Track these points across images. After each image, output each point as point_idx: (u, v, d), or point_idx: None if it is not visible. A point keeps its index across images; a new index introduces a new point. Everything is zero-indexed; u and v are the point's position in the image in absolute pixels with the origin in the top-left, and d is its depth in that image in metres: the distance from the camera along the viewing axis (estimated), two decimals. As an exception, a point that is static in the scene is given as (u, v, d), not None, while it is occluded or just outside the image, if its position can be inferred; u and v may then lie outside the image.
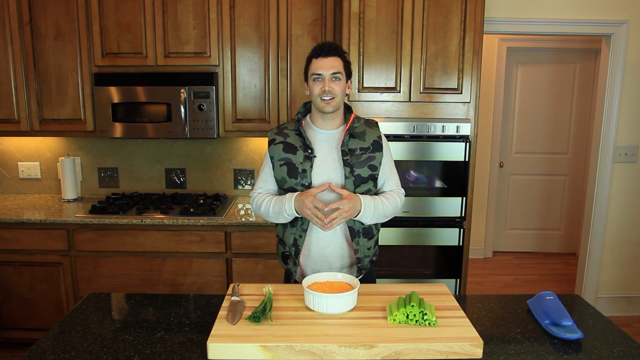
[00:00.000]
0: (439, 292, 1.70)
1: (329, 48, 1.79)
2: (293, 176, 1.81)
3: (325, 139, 1.86)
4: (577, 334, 1.50)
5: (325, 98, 1.78)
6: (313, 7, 2.89)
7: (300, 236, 1.84)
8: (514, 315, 1.70)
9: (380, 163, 1.86)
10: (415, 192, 2.79)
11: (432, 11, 2.65)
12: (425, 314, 1.46)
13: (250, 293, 1.68)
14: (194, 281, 2.86)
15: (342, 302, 1.53)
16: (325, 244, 1.84)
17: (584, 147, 4.70)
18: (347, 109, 1.92)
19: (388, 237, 2.80)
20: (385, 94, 2.73)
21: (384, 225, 2.75)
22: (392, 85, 2.72)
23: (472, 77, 2.71)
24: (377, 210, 1.79)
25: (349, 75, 1.85)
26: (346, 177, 1.80)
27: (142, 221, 2.79)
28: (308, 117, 1.93)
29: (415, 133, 2.72)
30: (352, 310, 1.56)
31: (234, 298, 1.62)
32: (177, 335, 1.53)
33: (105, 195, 3.31)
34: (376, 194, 1.89)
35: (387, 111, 2.75)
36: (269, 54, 2.94)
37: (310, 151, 1.82)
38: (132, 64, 2.94)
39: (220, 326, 1.46)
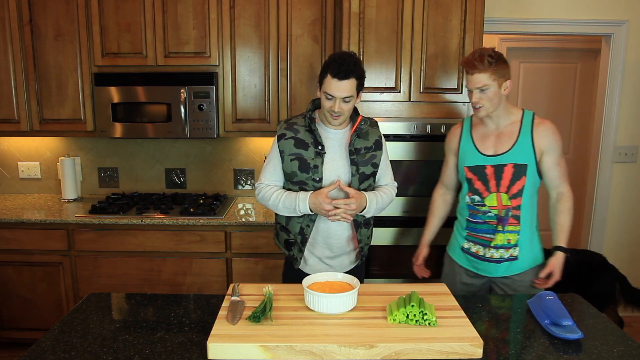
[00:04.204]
0: (439, 292, 1.71)
1: (347, 71, 1.81)
2: (305, 171, 1.91)
3: (333, 137, 1.97)
4: (577, 334, 1.50)
5: (334, 114, 1.88)
6: (313, 7, 2.89)
7: (308, 225, 1.96)
8: (514, 315, 1.70)
9: (380, 160, 2.04)
10: (416, 192, 2.78)
11: (432, 11, 2.65)
12: (425, 314, 1.46)
13: (250, 293, 1.68)
14: (194, 281, 2.86)
15: (342, 302, 1.53)
16: (329, 234, 2.00)
17: (586, 147, 4.69)
18: (354, 110, 2.00)
19: (388, 236, 2.80)
20: (385, 94, 2.73)
21: (384, 225, 2.77)
22: (392, 85, 2.72)
23: (472, 77, 2.70)
24: (378, 205, 1.98)
25: (361, 88, 1.90)
26: (352, 175, 1.94)
27: (142, 221, 2.79)
28: (316, 114, 2.02)
29: (415, 133, 2.71)
30: (352, 310, 1.56)
31: (234, 298, 1.62)
32: (177, 335, 1.53)
33: (105, 195, 3.30)
34: (373, 188, 2.06)
35: (387, 111, 2.75)
36: (269, 54, 2.94)
37: (321, 147, 1.92)
38: (132, 64, 2.94)
39: (220, 326, 1.46)
